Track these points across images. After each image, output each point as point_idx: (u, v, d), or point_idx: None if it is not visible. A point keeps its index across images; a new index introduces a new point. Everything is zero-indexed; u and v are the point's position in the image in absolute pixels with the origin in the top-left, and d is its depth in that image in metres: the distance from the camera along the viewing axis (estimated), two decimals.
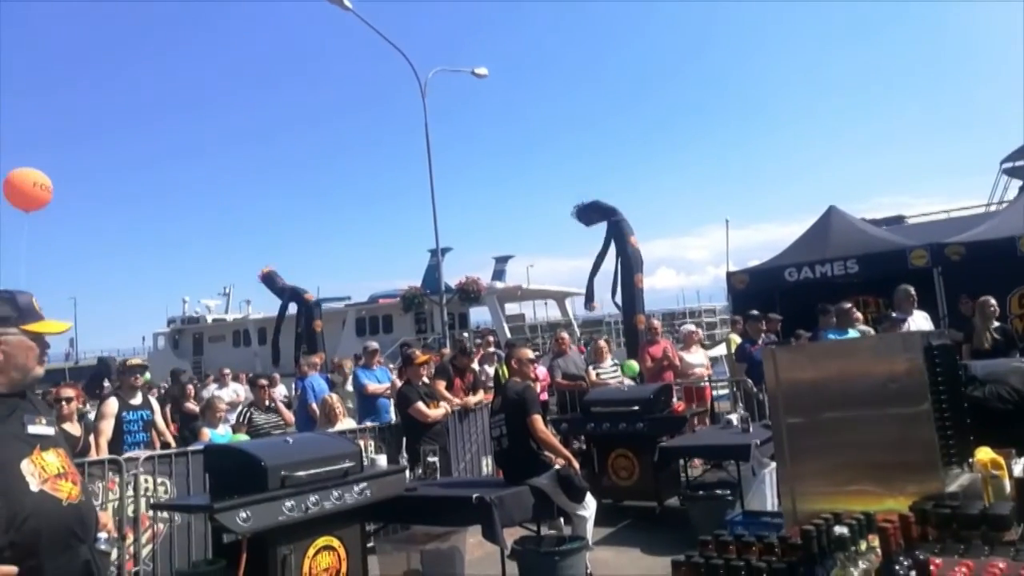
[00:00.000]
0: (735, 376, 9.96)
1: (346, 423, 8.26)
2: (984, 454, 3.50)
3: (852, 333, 8.57)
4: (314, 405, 9.17)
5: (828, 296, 10.41)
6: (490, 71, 21.76)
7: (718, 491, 6.84)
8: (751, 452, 6.11)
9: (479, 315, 31.49)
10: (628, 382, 10.53)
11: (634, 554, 6.48)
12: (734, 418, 7.41)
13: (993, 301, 8.65)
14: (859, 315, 9.51)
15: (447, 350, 15.26)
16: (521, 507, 5.33)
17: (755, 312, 10.04)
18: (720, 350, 16.65)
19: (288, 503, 4.18)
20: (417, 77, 19.48)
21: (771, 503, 5.83)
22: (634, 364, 11.48)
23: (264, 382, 9.36)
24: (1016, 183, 22.40)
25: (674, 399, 8.88)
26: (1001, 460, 3.43)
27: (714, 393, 10.73)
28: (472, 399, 9.23)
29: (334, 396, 8.49)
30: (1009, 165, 23.02)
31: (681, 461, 7.85)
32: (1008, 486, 3.25)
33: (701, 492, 7.03)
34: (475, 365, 10.45)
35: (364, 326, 32.16)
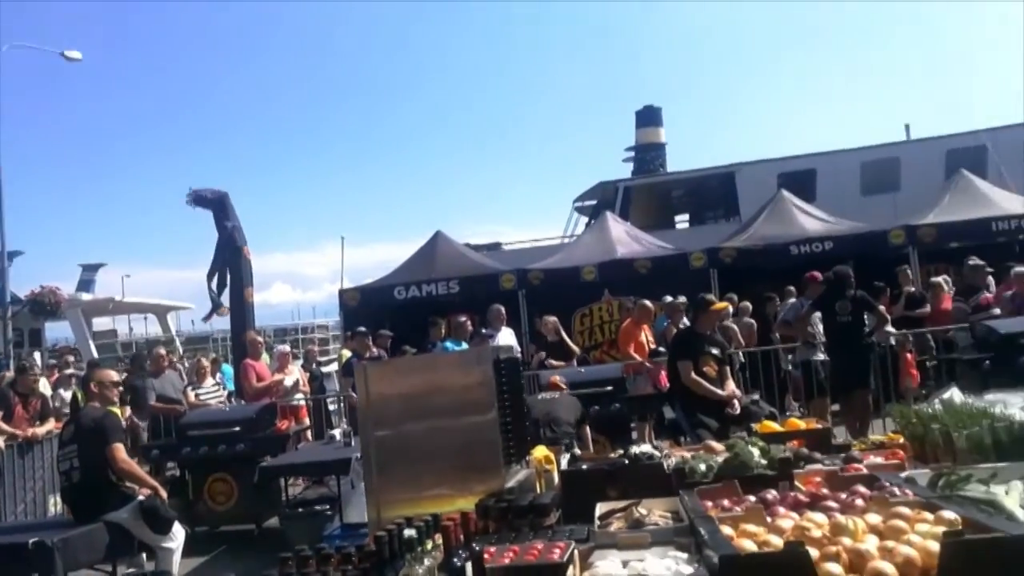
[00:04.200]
0: (343, 391, 10.10)
1: None
2: (539, 452, 4.05)
3: (465, 345, 9.27)
4: None
5: (434, 313, 11.10)
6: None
7: (318, 507, 6.85)
8: (351, 466, 6.23)
9: (60, 331, 27.23)
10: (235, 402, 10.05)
11: None
12: (337, 433, 7.51)
13: (553, 319, 10.09)
14: (470, 328, 10.25)
15: (10, 372, 12.93)
16: (92, 548, 4.73)
17: (363, 328, 10.31)
18: (335, 366, 16.76)
19: None
20: None
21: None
22: None
23: None
24: (584, 219, 26.59)
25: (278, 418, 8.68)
26: (552, 456, 4.01)
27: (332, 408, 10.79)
28: (40, 429, 7.97)
29: None
30: (579, 204, 27.29)
31: (282, 480, 7.70)
32: (556, 478, 3.80)
33: (301, 510, 6.97)
34: (46, 389, 9.02)
35: None
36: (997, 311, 9.24)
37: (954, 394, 3.29)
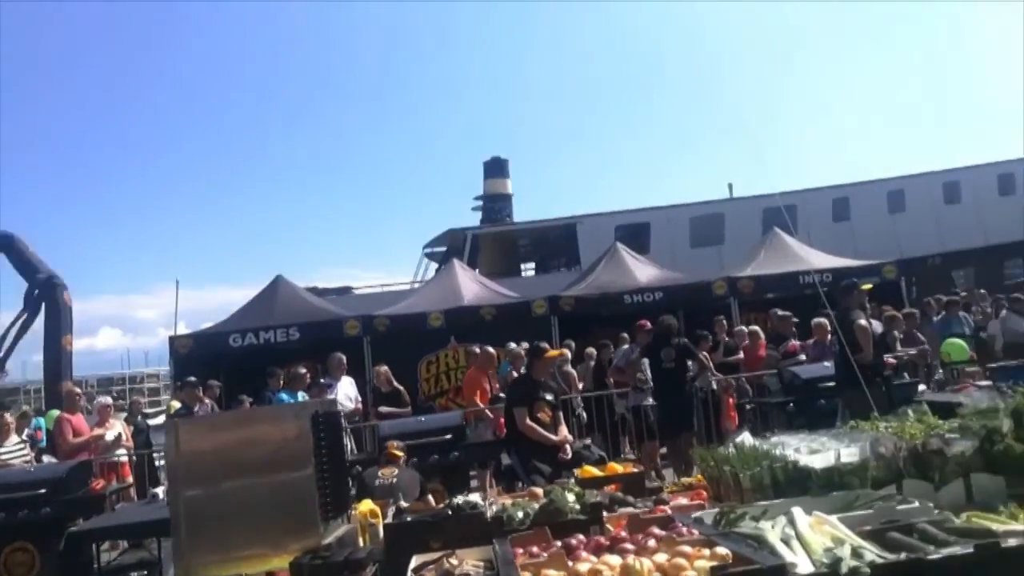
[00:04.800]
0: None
1: None
2: (364, 505, 4.02)
3: (302, 396, 8.96)
4: None
5: (273, 362, 10.69)
6: None
7: (134, 573, 6.37)
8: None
9: None
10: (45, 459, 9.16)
11: None
12: (160, 491, 7.03)
13: (384, 368, 10.04)
14: (308, 379, 9.92)
15: None
16: None
17: (192, 379, 9.79)
18: (164, 418, 15.72)
19: None
20: None
21: None
22: None
23: None
24: (434, 265, 26.78)
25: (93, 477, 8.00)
26: (377, 509, 3.98)
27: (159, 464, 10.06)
28: None
29: None
30: (429, 250, 27.51)
31: (95, 546, 7.08)
32: (381, 532, 3.77)
33: None
34: None
35: None
36: (802, 357, 10.18)
37: (745, 437, 3.60)
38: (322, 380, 9.47)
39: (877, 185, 26.18)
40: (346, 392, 9.77)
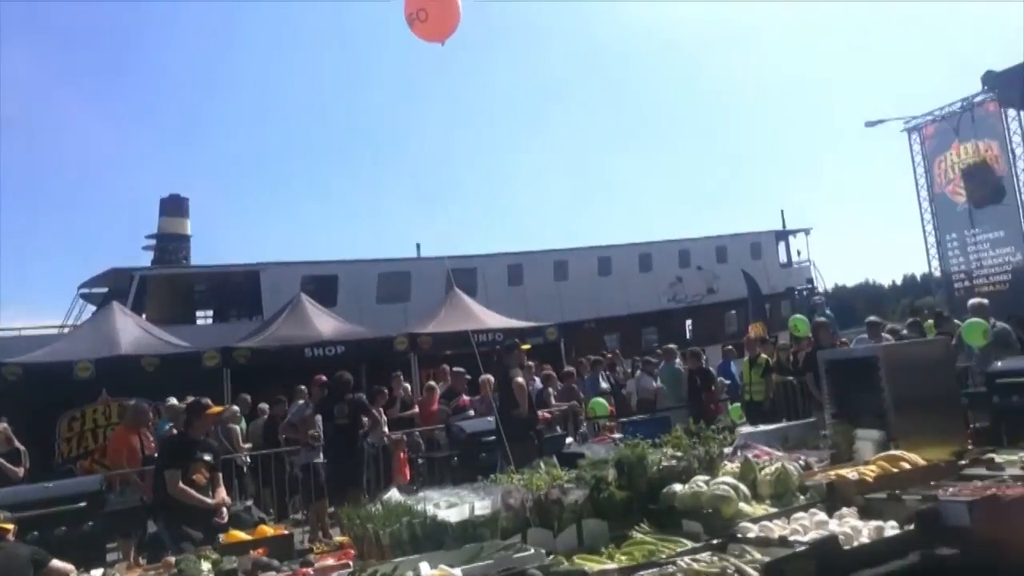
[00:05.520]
0: None
1: None
2: None
3: None
4: None
5: None
6: None
7: None
8: None
9: None
10: None
11: None
12: None
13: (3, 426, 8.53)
14: None
15: None
16: None
17: None
18: None
19: None
20: None
21: None
22: None
23: None
24: (92, 308, 23.72)
25: None
26: None
27: None
28: None
29: None
30: (86, 291, 24.37)
31: None
32: None
33: None
34: None
35: None
36: (472, 412, 10.76)
37: (393, 494, 3.70)
38: None
39: (546, 255, 29.00)
40: None
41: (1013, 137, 13.50)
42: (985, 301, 9.86)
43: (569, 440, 9.22)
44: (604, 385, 12.55)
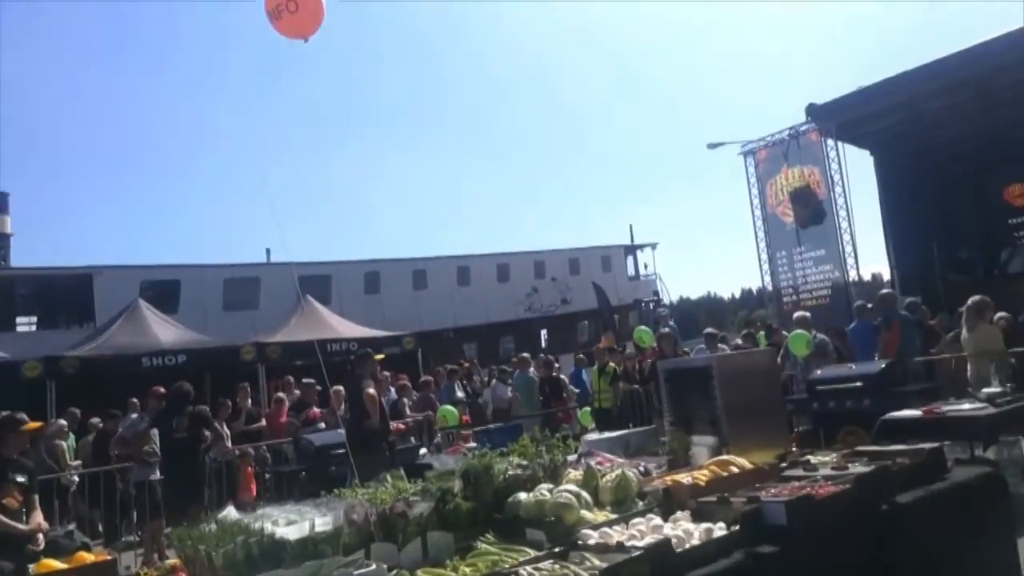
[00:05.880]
0: None
1: None
2: None
3: None
4: None
5: None
6: None
7: None
8: None
9: None
10: None
11: None
12: None
13: None
14: None
15: None
16: None
17: None
18: None
19: None
20: None
21: None
22: None
23: None
24: None
25: None
26: None
27: None
28: None
29: None
30: None
31: None
32: None
33: None
34: None
35: None
36: (323, 425, 10.45)
37: (230, 511, 3.52)
38: None
39: (404, 264, 28.81)
40: None
41: (831, 164, 14.79)
42: (807, 314, 10.75)
43: (423, 451, 9.15)
44: (460, 394, 12.59)
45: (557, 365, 13.62)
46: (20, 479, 5.81)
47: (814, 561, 3.09)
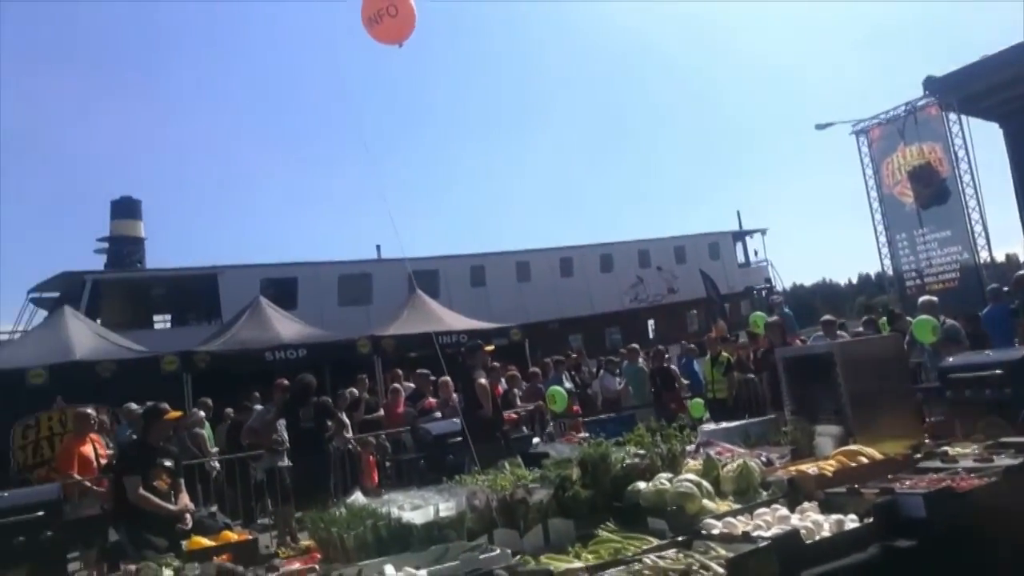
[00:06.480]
0: None
1: None
2: None
3: None
4: None
5: None
6: None
7: None
8: None
9: None
10: None
11: None
12: None
13: None
14: None
15: None
16: None
17: None
18: None
19: None
20: None
21: None
22: None
23: None
24: (44, 313, 23.12)
25: None
26: None
27: None
28: None
29: None
30: (37, 296, 23.72)
31: None
32: None
33: None
34: None
35: None
36: (438, 414, 10.70)
37: (357, 497, 3.67)
38: None
39: (508, 257, 29.04)
40: None
41: (954, 140, 13.86)
42: (934, 299, 10.12)
43: (536, 440, 9.23)
44: (568, 385, 12.60)
45: (667, 355, 13.40)
46: (167, 463, 6.27)
47: (956, 558, 2.92)
